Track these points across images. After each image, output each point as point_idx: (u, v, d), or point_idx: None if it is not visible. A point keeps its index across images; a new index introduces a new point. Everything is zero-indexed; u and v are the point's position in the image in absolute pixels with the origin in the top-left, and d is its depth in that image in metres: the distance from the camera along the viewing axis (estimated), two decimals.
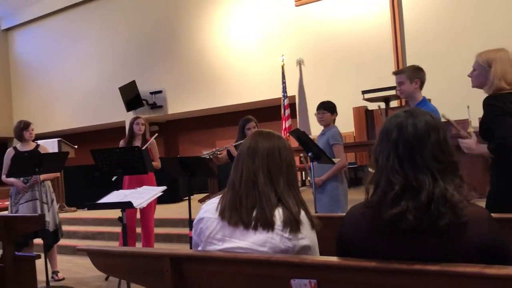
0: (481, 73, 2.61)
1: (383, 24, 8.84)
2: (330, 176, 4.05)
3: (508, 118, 2.37)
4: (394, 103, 8.07)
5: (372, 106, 8.22)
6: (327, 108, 4.20)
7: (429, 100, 5.02)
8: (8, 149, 4.84)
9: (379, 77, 8.54)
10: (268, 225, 1.56)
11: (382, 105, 7.59)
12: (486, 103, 2.50)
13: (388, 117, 1.47)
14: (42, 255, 4.07)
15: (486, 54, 2.62)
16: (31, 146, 4.79)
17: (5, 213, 6.43)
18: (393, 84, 3.81)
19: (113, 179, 4.36)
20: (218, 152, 4.48)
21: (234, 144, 4.39)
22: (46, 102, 13.80)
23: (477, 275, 1.16)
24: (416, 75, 3.20)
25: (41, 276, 4.00)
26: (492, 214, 1.37)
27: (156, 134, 5.22)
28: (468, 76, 2.69)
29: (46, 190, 4.67)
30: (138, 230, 5.00)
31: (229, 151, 4.45)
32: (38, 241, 4.81)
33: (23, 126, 4.73)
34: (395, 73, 3.34)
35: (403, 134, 1.37)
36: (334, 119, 4.28)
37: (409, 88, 3.20)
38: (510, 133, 2.34)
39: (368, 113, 8.38)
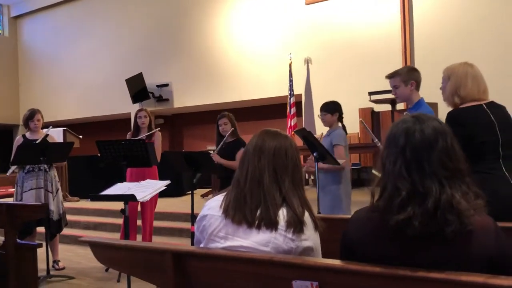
0: (445, 87, 2.62)
1: (392, 25, 8.80)
2: (325, 170, 4.04)
3: None
4: (400, 105, 8.02)
5: (379, 107, 8.19)
6: (327, 110, 4.23)
7: (436, 104, 5.01)
8: (17, 137, 4.87)
9: (386, 79, 8.48)
10: (272, 225, 1.55)
11: (389, 107, 7.56)
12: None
13: (395, 122, 1.46)
14: (44, 243, 4.08)
15: (447, 68, 2.63)
16: (40, 135, 4.78)
17: (10, 200, 6.47)
18: None
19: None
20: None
21: (216, 151, 4.44)
22: (53, 91, 13.83)
23: (481, 285, 1.15)
24: (411, 76, 3.05)
25: (42, 265, 4.02)
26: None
27: (159, 128, 5.14)
28: (440, 89, 2.68)
29: (51, 179, 4.68)
30: (139, 222, 5.01)
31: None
32: (40, 229, 4.84)
33: (29, 116, 4.74)
34: (388, 77, 3.17)
35: (410, 140, 1.35)
36: (339, 119, 4.27)
37: (405, 91, 3.06)
38: None
39: (374, 115, 8.35)
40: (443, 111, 3.18)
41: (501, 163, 2.44)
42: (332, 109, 4.21)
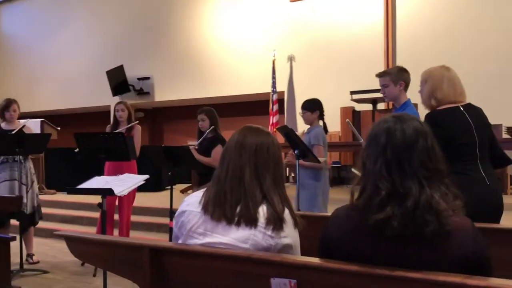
0: (422, 90, 2.66)
1: (376, 25, 8.86)
2: (305, 166, 4.05)
3: None
4: (381, 105, 8.10)
5: (360, 107, 8.24)
6: (307, 108, 4.23)
7: (416, 105, 5.07)
8: None
9: (368, 79, 8.52)
10: (251, 222, 1.54)
11: (370, 107, 7.62)
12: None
13: (377, 121, 1.46)
14: (18, 237, 3.99)
15: (425, 72, 2.66)
16: (16, 125, 4.67)
17: None
18: None
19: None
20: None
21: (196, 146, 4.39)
22: (31, 80, 13.54)
23: (459, 285, 1.16)
24: (400, 77, 3.10)
25: (15, 258, 3.93)
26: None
27: (137, 121, 5.04)
28: (419, 92, 2.72)
29: (26, 171, 4.57)
30: (116, 217, 4.94)
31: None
32: (15, 222, 4.73)
33: (4, 106, 4.63)
34: (378, 75, 3.21)
35: (391, 139, 1.36)
36: (320, 117, 4.28)
37: (394, 91, 3.10)
38: None
39: (355, 114, 8.40)
40: (423, 113, 3.21)
41: (479, 164, 2.47)
42: (313, 107, 4.22)
